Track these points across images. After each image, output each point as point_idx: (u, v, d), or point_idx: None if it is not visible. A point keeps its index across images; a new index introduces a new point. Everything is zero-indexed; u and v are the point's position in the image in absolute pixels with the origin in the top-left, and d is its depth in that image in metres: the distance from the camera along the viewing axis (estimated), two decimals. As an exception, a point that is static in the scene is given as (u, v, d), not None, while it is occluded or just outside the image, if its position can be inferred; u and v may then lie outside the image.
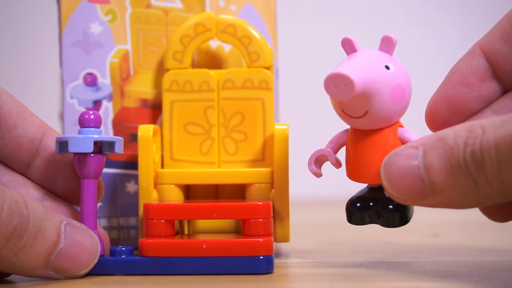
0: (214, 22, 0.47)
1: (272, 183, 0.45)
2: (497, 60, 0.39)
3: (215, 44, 0.49)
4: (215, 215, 0.40)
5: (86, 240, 0.38)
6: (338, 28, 1.12)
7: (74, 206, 0.43)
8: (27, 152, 0.42)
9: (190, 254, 0.39)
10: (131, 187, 0.49)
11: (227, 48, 0.49)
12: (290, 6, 1.06)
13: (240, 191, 0.46)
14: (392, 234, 0.56)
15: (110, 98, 0.49)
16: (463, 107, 0.40)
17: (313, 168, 0.40)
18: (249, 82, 0.46)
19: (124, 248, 0.40)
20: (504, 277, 0.38)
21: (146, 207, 0.41)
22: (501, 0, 1.10)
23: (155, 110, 0.49)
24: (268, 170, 0.45)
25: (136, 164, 0.48)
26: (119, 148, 0.41)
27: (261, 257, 0.39)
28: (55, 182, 0.42)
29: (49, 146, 0.42)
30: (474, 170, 0.33)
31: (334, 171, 0.42)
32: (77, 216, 0.42)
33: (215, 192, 0.47)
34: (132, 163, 0.49)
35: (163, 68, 0.48)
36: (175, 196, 0.45)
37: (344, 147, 0.40)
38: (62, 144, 0.40)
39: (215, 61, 0.49)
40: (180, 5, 0.49)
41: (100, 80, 0.49)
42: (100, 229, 0.41)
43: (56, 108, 0.51)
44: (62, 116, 0.49)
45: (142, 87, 0.49)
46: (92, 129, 0.40)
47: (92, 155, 0.40)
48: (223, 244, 0.39)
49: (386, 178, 0.36)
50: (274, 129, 0.45)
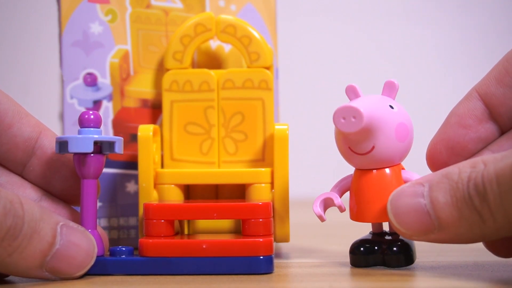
0: (214, 22, 0.47)
1: (272, 183, 0.45)
2: (492, 102, 0.41)
3: (215, 44, 0.49)
4: (215, 215, 0.40)
5: (83, 242, 0.38)
6: (338, 28, 1.12)
7: (73, 207, 0.43)
8: (23, 152, 0.42)
9: (190, 254, 0.39)
10: (131, 187, 0.49)
11: (227, 48, 0.49)
12: (290, 6, 1.06)
13: (240, 191, 0.46)
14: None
15: (110, 98, 0.49)
16: (461, 148, 0.41)
17: (318, 210, 0.40)
18: (249, 82, 0.46)
19: (124, 248, 0.40)
20: (504, 277, 0.38)
21: (146, 207, 0.41)
22: (501, 0, 1.10)
23: (155, 110, 0.49)
24: (268, 170, 0.45)
25: (136, 164, 0.48)
26: (119, 148, 0.41)
27: (261, 257, 0.39)
28: (51, 182, 0.42)
29: (45, 145, 0.42)
30: (478, 202, 0.34)
31: (334, 170, 0.42)
32: (75, 216, 0.42)
33: (215, 192, 0.47)
34: (132, 163, 0.49)
35: (163, 68, 0.48)
36: (175, 196, 0.45)
37: (348, 192, 0.41)
38: (62, 144, 0.40)
39: (215, 61, 0.49)
40: (180, 5, 0.49)
41: (100, 80, 0.49)
42: (99, 229, 0.41)
43: (56, 108, 0.51)
44: (62, 116, 0.49)
45: (142, 87, 0.49)
46: (92, 129, 0.40)
47: (92, 155, 0.40)
48: (223, 244, 0.39)
49: (393, 213, 0.37)
50: (274, 129, 0.45)
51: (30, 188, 0.42)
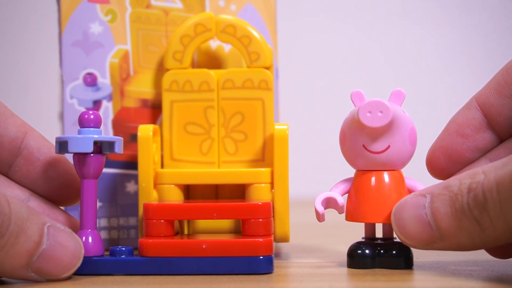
0: (214, 22, 0.47)
1: (272, 183, 0.45)
2: (491, 112, 0.42)
3: (215, 44, 0.49)
4: (215, 215, 0.40)
5: (70, 243, 0.37)
6: (338, 28, 1.12)
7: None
8: (8, 152, 0.42)
9: (190, 254, 0.39)
10: (131, 187, 0.49)
11: (227, 48, 0.49)
12: (290, 6, 1.06)
13: (240, 191, 0.46)
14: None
15: (110, 98, 0.49)
16: (458, 156, 0.42)
17: (321, 208, 0.40)
18: (249, 82, 0.46)
19: (124, 248, 0.40)
20: (504, 277, 0.38)
21: (146, 207, 0.41)
22: (501, 0, 1.10)
23: (155, 110, 0.49)
24: (268, 170, 0.45)
25: (136, 164, 0.48)
26: (119, 148, 0.41)
27: (261, 257, 0.39)
28: (37, 182, 0.42)
29: (30, 145, 0.42)
30: (477, 213, 0.35)
31: (334, 170, 0.42)
32: (63, 217, 0.42)
33: (215, 192, 0.47)
34: (132, 163, 0.49)
35: (163, 68, 0.48)
36: (175, 196, 0.45)
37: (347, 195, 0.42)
38: (62, 144, 0.40)
39: (215, 61, 0.49)
40: (180, 5, 0.49)
41: (100, 80, 0.49)
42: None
43: (56, 108, 0.51)
44: (62, 116, 0.49)
45: (142, 87, 0.49)
46: (92, 129, 0.40)
47: (92, 155, 0.40)
48: (223, 244, 0.39)
49: (396, 225, 0.38)
50: (274, 129, 0.45)
51: (17, 188, 0.42)
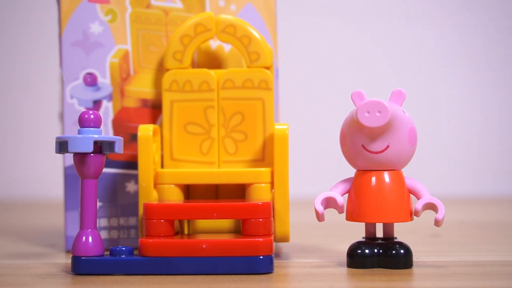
0: (214, 22, 0.47)
1: (272, 183, 0.45)
2: None
3: (215, 44, 0.49)
4: (215, 215, 0.40)
5: None
6: (338, 28, 1.12)
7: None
8: None
9: (190, 254, 0.39)
10: (131, 187, 0.49)
11: (227, 48, 0.50)
12: (290, 6, 1.06)
13: (240, 191, 0.46)
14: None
15: (110, 98, 0.49)
16: None
17: (320, 208, 0.40)
18: (249, 82, 0.46)
19: (124, 248, 0.40)
20: (504, 277, 0.38)
21: (146, 207, 0.41)
22: (501, 0, 1.10)
23: (155, 110, 0.49)
24: (268, 170, 0.45)
25: (136, 164, 0.48)
26: (119, 148, 0.41)
27: (261, 257, 0.39)
28: None
29: None
30: None
31: (334, 170, 0.42)
32: None
33: (215, 192, 0.47)
34: (132, 163, 0.49)
35: (163, 68, 0.48)
36: (175, 196, 0.45)
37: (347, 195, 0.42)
38: (62, 144, 0.40)
39: (215, 61, 0.49)
40: (180, 5, 0.49)
41: (100, 80, 0.49)
42: None
43: (56, 108, 0.51)
44: (62, 116, 0.49)
45: (142, 87, 0.49)
46: (92, 129, 0.40)
47: (92, 155, 0.40)
48: (223, 244, 0.39)
49: None
50: (274, 129, 0.45)
51: None
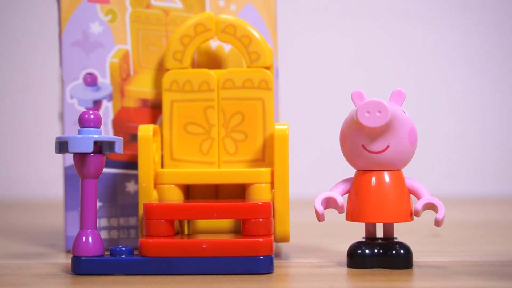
0: (214, 22, 0.47)
1: (272, 183, 0.45)
2: None
3: (215, 44, 0.49)
4: (215, 215, 0.40)
5: None
6: (338, 28, 1.12)
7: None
8: None
9: (190, 254, 0.39)
10: (131, 187, 0.49)
11: (227, 48, 0.50)
12: (290, 6, 1.06)
13: (240, 191, 0.46)
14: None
15: (110, 98, 0.49)
16: None
17: (320, 208, 0.40)
18: (249, 82, 0.46)
19: (124, 248, 0.40)
20: (504, 277, 0.38)
21: (146, 207, 0.41)
22: (501, 0, 1.10)
23: (155, 110, 0.49)
24: (268, 170, 0.45)
25: (136, 164, 0.48)
26: (119, 148, 0.41)
27: (261, 257, 0.39)
28: None
29: None
30: None
31: (334, 170, 0.42)
32: None
33: (215, 192, 0.47)
34: (132, 163, 0.49)
35: (163, 68, 0.48)
36: (175, 196, 0.45)
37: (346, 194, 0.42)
38: (62, 144, 0.40)
39: (215, 61, 0.49)
40: (180, 5, 0.49)
41: (100, 80, 0.49)
42: None
43: (56, 108, 0.51)
44: (62, 116, 0.49)
45: (142, 87, 0.49)
46: (92, 129, 0.40)
47: (92, 155, 0.40)
48: (223, 244, 0.39)
49: None
50: (274, 129, 0.45)
51: None
